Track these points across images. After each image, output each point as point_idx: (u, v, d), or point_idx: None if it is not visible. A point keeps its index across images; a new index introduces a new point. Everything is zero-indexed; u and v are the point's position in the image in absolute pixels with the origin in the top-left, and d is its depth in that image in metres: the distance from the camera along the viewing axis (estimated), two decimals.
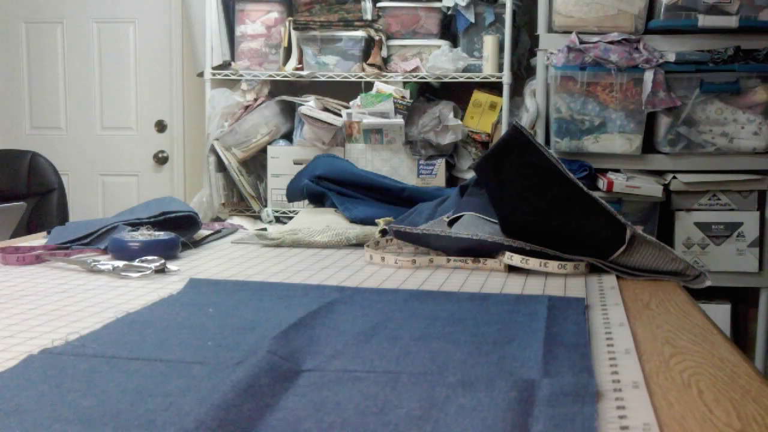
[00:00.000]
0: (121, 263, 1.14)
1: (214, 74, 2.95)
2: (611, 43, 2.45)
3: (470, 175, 2.62)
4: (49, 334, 0.81)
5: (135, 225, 1.33)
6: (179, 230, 1.33)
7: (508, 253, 1.18)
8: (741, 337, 2.65)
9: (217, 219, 2.83)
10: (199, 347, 0.75)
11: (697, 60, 2.44)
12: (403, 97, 2.77)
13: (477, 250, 1.22)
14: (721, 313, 2.53)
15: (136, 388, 0.63)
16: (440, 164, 2.76)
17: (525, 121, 2.66)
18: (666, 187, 2.49)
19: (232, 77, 2.96)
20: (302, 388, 0.64)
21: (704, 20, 2.42)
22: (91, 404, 0.60)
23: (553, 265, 1.17)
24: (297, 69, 2.91)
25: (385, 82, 2.82)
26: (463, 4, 2.76)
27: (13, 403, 0.60)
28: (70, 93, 3.75)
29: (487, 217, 1.30)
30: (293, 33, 2.90)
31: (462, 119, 2.81)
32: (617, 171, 2.53)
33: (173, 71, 3.65)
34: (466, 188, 1.46)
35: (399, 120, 2.73)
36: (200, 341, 0.77)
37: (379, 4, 2.87)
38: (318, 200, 1.82)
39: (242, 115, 2.91)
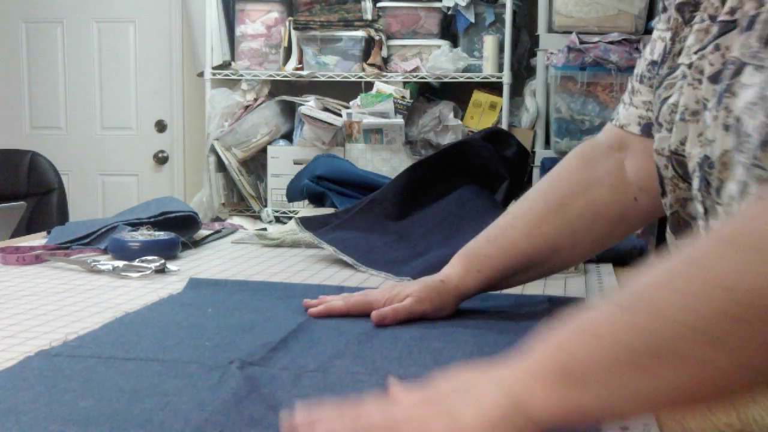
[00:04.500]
0: (121, 263, 1.14)
1: (214, 74, 2.95)
2: (611, 43, 2.44)
3: None
4: (48, 334, 0.81)
5: (135, 225, 1.33)
6: (179, 230, 1.33)
7: None
8: None
9: (217, 219, 2.83)
10: (197, 347, 0.75)
11: None
12: (403, 97, 2.77)
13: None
14: None
15: (132, 388, 0.63)
16: None
17: (525, 121, 2.66)
18: None
19: (232, 77, 2.96)
20: (304, 388, 0.64)
21: None
22: (88, 404, 0.60)
23: None
24: (297, 69, 2.91)
25: (385, 82, 2.81)
26: (463, 4, 2.76)
27: (10, 404, 0.60)
28: (70, 93, 3.75)
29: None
30: (293, 33, 2.90)
31: (462, 119, 2.81)
32: None
33: (173, 71, 3.65)
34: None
35: (399, 120, 2.73)
36: (198, 341, 0.77)
37: (379, 4, 2.87)
38: (318, 200, 1.81)
39: (242, 115, 2.91)
